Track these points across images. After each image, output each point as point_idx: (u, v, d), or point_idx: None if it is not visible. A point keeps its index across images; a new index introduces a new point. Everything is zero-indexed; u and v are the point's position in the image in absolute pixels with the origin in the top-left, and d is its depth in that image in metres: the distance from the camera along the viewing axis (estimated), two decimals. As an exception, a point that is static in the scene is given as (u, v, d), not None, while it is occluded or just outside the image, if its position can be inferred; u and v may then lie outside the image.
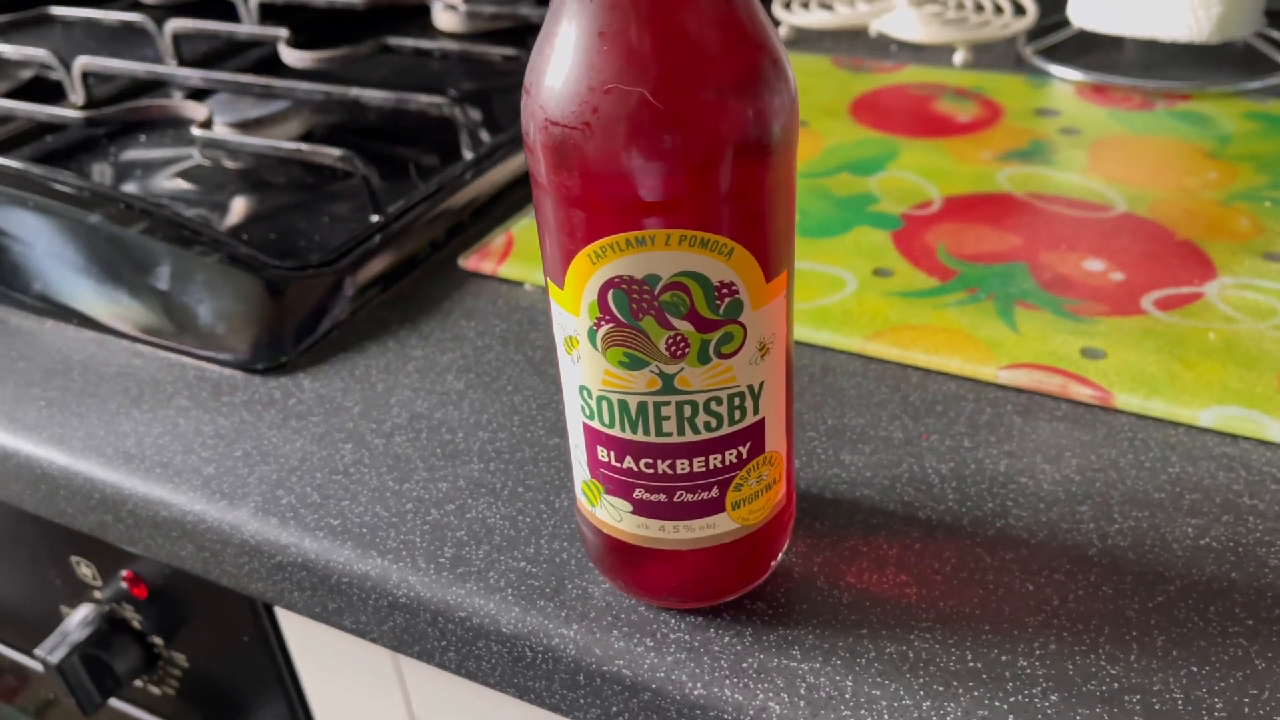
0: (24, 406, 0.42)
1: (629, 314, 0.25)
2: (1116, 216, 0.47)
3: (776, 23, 0.72)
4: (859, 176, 0.52)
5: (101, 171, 0.58)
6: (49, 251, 0.47)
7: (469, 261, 0.48)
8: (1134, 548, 0.32)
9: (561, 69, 0.23)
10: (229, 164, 0.58)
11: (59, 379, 0.43)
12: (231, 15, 0.76)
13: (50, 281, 0.47)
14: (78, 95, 0.64)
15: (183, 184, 0.56)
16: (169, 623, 0.47)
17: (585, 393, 0.27)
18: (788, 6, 0.71)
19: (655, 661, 0.29)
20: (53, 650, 0.46)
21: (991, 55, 0.66)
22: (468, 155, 0.54)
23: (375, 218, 0.49)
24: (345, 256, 0.46)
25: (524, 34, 0.72)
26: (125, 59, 0.64)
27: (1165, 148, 0.53)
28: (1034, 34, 0.67)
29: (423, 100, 0.55)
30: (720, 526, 0.29)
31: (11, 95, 0.68)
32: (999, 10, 0.69)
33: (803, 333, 0.41)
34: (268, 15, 0.74)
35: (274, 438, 0.39)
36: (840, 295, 0.43)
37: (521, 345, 0.43)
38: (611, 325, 0.25)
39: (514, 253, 0.48)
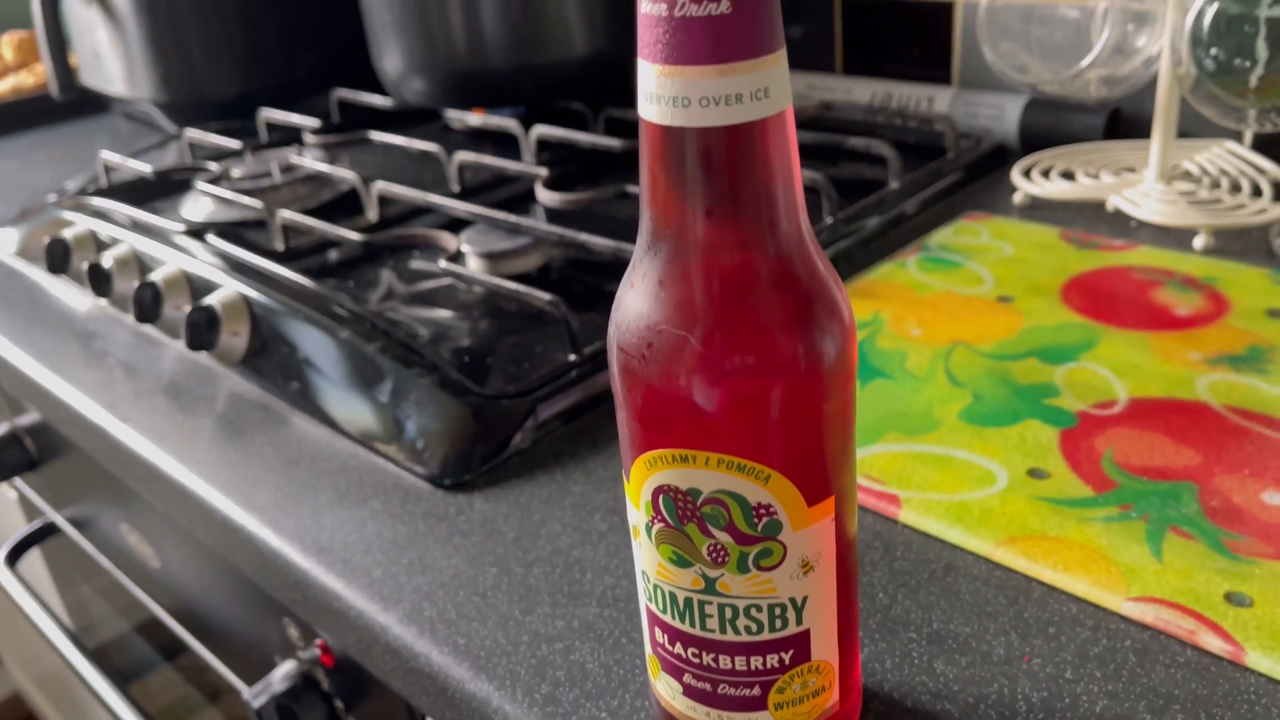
0: (259, 487, 0.50)
1: (676, 518, 0.28)
2: (1322, 445, 0.44)
3: (1012, 189, 0.72)
4: (1047, 364, 0.51)
5: (372, 281, 0.68)
6: (307, 356, 0.56)
7: (646, 407, 0.52)
8: (1216, 827, 0.30)
9: (632, 303, 0.27)
10: (476, 289, 0.66)
11: (291, 467, 0.51)
12: (515, 147, 0.86)
13: (304, 381, 0.56)
14: (373, 212, 0.75)
15: (432, 303, 0.64)
16: (349, 693, 0.53)
17: (645, 577, 0.30)
18: (1027, 174, 0.71)
19: (691, 837, 0.31)
20: (256, 696, 0.54)
21: (1242, 242, 0.63)
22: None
23: (572, 356, 0.54)
24: (538, 390, 0.52)
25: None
26: (420, 182, 0.74)
27: None
28: (1293, 223, 0.63)
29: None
30: (763, 722, 0.30)
31: (331, 204, 0.80)
32: (1257, 193, 0.65)
33: (934, 527, 0.42)
34: (543, 149, 0.83)
35: (436, 551, 0.44)
36: (986, 492, 0.43)
37: (670, 496, 0.46)
38: (662, 525, 0.28)
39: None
